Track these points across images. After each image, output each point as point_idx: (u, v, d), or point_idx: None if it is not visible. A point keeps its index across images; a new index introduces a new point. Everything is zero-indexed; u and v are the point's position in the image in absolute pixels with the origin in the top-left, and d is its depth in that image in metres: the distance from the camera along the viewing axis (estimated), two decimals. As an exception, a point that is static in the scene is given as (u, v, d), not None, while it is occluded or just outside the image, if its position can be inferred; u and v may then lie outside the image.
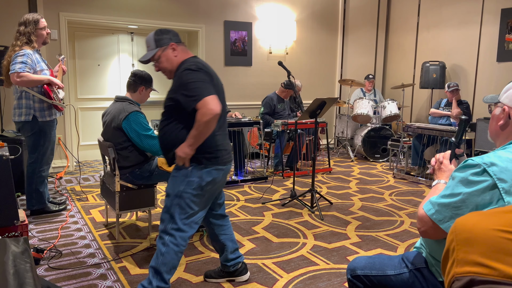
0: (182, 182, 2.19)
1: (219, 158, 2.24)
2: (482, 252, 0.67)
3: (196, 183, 2.18)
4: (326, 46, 7.43)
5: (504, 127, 1.38)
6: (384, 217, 3.87)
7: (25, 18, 3.50)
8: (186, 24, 6.12)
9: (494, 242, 0.67)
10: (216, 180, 2.26)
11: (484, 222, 0.70)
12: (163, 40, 2.25)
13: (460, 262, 0.69)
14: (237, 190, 4.74)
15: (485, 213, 0.73)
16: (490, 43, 6.10)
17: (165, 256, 2.19)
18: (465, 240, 0.70)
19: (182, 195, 2.18)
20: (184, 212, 2.20)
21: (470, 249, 0.68)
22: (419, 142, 5.43)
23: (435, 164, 1.64)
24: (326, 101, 3.95)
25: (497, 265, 0.65)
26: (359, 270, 1.68)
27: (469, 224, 0.71)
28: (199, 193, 2.21)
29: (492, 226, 0.69)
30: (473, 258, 0.67)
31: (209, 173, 2.21)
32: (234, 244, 2.59)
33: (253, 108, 6.70)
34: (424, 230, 1.42)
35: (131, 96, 3.17)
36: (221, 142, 2.27)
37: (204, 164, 2.19)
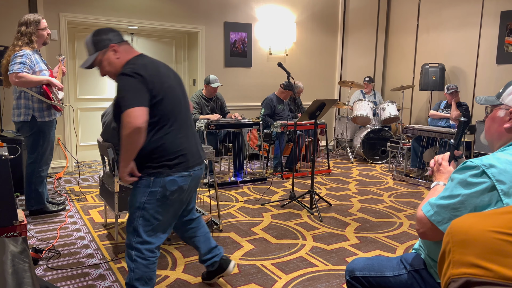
0: (144, 193, 2.01)
1: (183, 164, 2.05)
2: (477, 254, 0.67)
3: (159, 193, 2.01)
4: (326, 47, 7.44)
5: (511, 129, 1.37)
6: (383, 218, 3.87)
7: (26, 19, 3.50)
8: (186, 25, 6.13)
9: (490, 244, 0.67)
10: (184, 188, 2.08)
11: (480, 223, 0.70)
12: (102, 43, 2.06)
13: (456, 264, 0.69)
14: (236, 191, 4.74)
15: (481, 215, 0.73)
16: (489, 45, 6.11)
17: (136, 272, 2.06)
18: (461, 242, 0.70)
19: (145, 207, 2.01)
20: (148, 224, 2.04)
21: (466, 251, 0.69)
22: (418, 144, 5.44)
23: (434, 165, 1.64)
24: (326, 102, 3.95)
25: (492, 267, 0.65)
26: (357, 271, 1.68)
27: (465, 226, 0.71)
28: (164, 203, 2.04)
29: (487, 228, 0.69)
30: (469, 260, 0.68)
31: (173, 182, 2.02)
32: (208, 244, 2.47)
33: (252, 109, 6.70)
34: (423, 231, 1.42)
35: None
36: (185, 146, 2.08)
37: (166, 173, 2.01)
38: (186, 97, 2.21)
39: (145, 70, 1.96)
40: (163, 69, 2.08)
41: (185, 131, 2.12)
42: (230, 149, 5.35)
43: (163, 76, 2.04)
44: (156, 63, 2.07)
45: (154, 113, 1.98)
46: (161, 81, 2.02)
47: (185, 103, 2.17)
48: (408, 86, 6.50)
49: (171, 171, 2.01)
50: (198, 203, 4.12)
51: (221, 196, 4.51)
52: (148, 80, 1.95)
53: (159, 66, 2.07)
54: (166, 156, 2.01)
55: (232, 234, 3.42)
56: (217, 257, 2.47)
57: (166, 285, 2.56)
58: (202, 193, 4.52)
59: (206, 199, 4.33)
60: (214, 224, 3.53)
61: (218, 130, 4.89)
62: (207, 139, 4.79)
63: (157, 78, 2.00)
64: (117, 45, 2.07)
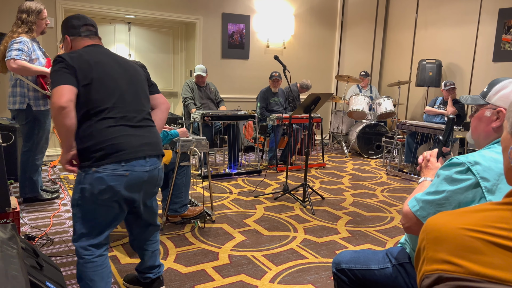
0: (77, 189, 1.88)
1: (111, 156, 1.82)
2: (449, 250, 0.69)
3: (88, 191, 1.84)
4: (324, 41, 7.43)
5: (499, 129, 1.39)
6: (374, 213, 3.90)
7: (27, 6, 3.50)
8: (183, 16, 6.10)
9: (461, 241, 0.69)
10: (116, 189, 1.84)
11: (452, 221, 0.72)
12: (62, 32, 2.09)
13: (430, 260, 0.71)
14: (231, 183, 4.76)
15: (454, 213, 0.75)
16: (486, 42, 6.12)
17: (77, 270, 1.97)
18: (435, 239, 0.72)
19: (78, 204, 1.88)
20: (82, 222, 1.90)
21: (439, 248, 0.71)
22: (412, 140, 5.46)
23: (422, 162, 1.66)
24: (321, 96, 3.96)
25: (463, 263, 0.67)
26: (344, 264, 1.71)
27: (439, 223, 0.73)
28: (95, 203, 1.86)
29: (459, 225, 0.71)
30: (441, 256, 0.70)
31: (100, 180, 1.82)
32: (153, 261, 2.31)
33: (249, 101, 6.71)
34: (408, 226, 1.45)
35: None
36: (117, 135, 1.86)
37: (95, 168, 1.82)
38: (140, 89, 2.04)
39: (72, 55, 1.89)
40: (104, 57, 1.96)
41: (127, 122, 1.91)
42: (225, 141, 5.36)
43: (100, 63, 1.92)
44: (96, 52, 1.97)
45: (82, 99, 1.85)
46: (92, 66, 1.89)
47: (135, 95, 1.99)
48: (405, 82, 6.51)
49: (99, 164, 1.82)
50: (191, 194, 4.14)
51: (215, 187, 4.53)
52: (74, 63, 1.85)
53: (99, 54, 1.96)
54: (93, 147, 1.83)
55: (224, 225, 3.45)
56: (154, 275, 2.33)
57: (157, 274, 2.59)
58: (196, 184, 4.53)
59: (199, 190, 4.35)
60: (207, 215, 3.55)
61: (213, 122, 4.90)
62: (202, 131, 4.81)
63: (86, 63, 1.88)
64: (69, 37, 2.07)
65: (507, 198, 0.73)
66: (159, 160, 2.03)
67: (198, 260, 2.79)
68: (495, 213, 0.72)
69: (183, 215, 3.43)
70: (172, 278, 2.55)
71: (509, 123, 0.79)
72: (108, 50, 2.07)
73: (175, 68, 6.91)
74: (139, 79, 2.07)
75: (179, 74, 6.90)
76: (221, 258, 2.84)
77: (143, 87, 2.08)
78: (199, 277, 2.58)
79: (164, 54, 6.76)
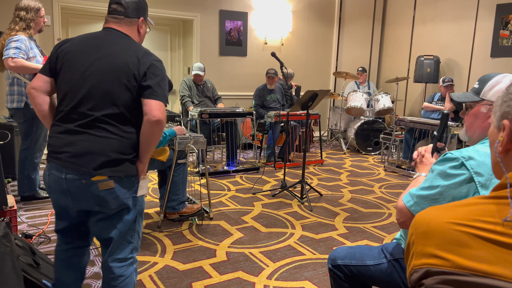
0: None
1: (48, 154, 1.73)
2: (437, 244, 0.70)
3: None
4: (322, 38, 7.42)
5: None
6: (372, 209, 3.91)
7: (26, 4, 3.50)
8: (181, 13, 6.09)
9: (448, 235, 0.69)
10: (50, 186, 1.72)
11: (440, 215, 0.73)
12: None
13: (418, 255, 0.72)
14: (229, 180, 4.76)
15: (443, 207, 0.75)
16: (484, 38, 6.11)
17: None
18: (423, 233, 0.72)
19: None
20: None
21: (427, 242, 0.71)
22: (410, 136, 5.47)
23: (417, 157, 1.66)
24: (318, 93, 3.96)
25: (450, 257, 0.67)
26: (339, 260, 1.72)
27: (427, 218, 0.74)
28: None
29: (447, 219, 0.71)
30: (429, 251, 0.70)
31: (44, 172, 1.77)
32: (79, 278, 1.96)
33: (247, 98, 6.70)
34: (403, 221, 1.45)
35: None
36: (52, 134, 1.74)
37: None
38: (110, 88, 1.67)
39: (61, 42, 1.80)
40: (85, 46, 1.74)
41: (63, 123, 1.70)
42: (223, 138, 5.36)
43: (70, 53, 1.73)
44: (88, 38, 1.77)
45: (56, 87, 1.78)
46: (59, 56, 1.75)
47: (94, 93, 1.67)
48: (403, 78, 6.50)
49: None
50: (189, 192, 4.15)
51: (213, 185, 4.54)
52: (53, 50, 1.78)
53: (88, 40, 1.76)
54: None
55: (222, 222, 3.45)
56: None
57: (154, 271, 2.59)
58: (194, 181, 4.54)
59: (197, 187, 4.36)
60: (205, 212, 3.55)
61: (211, 119, 4.90)
62: (200, 128, 4.80)
63: (57, 52, 1.75)
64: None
65: (494, 192, 0.74)
66: (86, 174, 1.64)
67: (196, 257, 2.80)
68: (482, 206, 0.72)
69: (181, 212, 3.43)
70: (170, 275, 2.55)
71: (495, 117, 0.79)
72: (109, 37, 1.76)
73: (173, 66, 6.90)
74: (112, 76, 1.67)
75: (177, 71, 6.89)
76: (218, 255, 2.84)
77: (113, 86, 1.66)
78: (196, 274, 2.58)
79: (162, 51, 6.74)
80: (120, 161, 1.68)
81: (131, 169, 1.71)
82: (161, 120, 1.68)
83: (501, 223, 0.68)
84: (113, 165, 1.66)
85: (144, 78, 1.68)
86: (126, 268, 1.79)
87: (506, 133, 0.74)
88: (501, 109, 0.77)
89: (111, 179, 1.66)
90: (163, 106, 1.71)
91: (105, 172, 1.65)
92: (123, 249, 1.77)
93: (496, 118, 0.78)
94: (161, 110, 1.69)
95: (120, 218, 1.73)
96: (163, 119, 1.69)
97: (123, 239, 1.77)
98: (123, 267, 1.78)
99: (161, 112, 1.69)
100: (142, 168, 1.75)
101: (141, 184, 1.76)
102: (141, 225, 1.83)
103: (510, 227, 0.67)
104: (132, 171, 1.72)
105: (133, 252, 1.82)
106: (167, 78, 1.78)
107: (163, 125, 1.70)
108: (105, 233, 1.75)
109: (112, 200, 1.68)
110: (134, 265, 1.83)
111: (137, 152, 1.74)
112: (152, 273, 2.56)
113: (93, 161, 1.64)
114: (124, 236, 1.77)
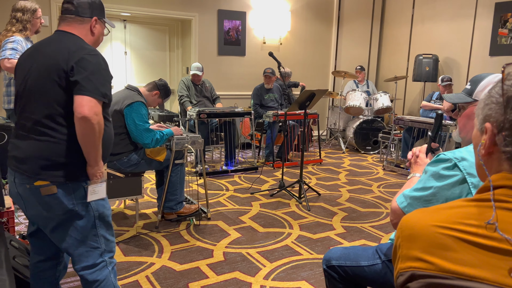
0: None
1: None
2: (422, 248, 0.70)
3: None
4: (321, 37, 7.41)
5: None
6: (370, 208, 3.91)
7: (22, 5, 3.49)
8: (179, 13, 6.08)
9: (432, 238, 0.69)
10: (10, 190, 1.73)
11: (425, 218, 0.73)
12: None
13: (404, 258, 0.72)
14: (227, 180, 4.76)
15: (428, 210, 0.75)
16: (483, 37, 6.10)
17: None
18: (408, 237, 0.73)
19: None
20: None
21: (412, 245, 0.71)
22: (409, 135, 5.46)
23: (412, 157, 1.66)
24: (316, 93, 3.96)
25: (434, 260, 0.67)
26: (334, 260, 1.72)
27: (412, 221, 0.74)
28: None
29: (431, 222, 0.71)
30: (414, 254, 0.70)
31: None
32: None
33: (246, 98, 6.69)
34: (396, 222, 1.45)
35: (144, 91, 3.24)
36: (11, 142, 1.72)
37: None
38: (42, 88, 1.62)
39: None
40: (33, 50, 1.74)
41: (18, 130, 1.68)
42: (221, 138, 5.36)
43: (22, 58, 1.75)
44: (38, 44, 1.75)
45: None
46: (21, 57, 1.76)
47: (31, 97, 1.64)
48: (402, 77, 6.50)
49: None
50: (187, 192, 4.15)
51: (211, 185, 4.54)
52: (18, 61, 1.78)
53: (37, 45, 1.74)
54: None
55: (220, 222, 3.45)
56: None
57: (151, 272, 2.59)
58: (191, 181, 4.54)
59: (195, 187, 4.36)
60: (203, 213, 3.56)
61: (209, 119, 4.90)
62: (198, 128, 4.80)
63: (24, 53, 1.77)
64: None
65: (477, 195, 0.74)
66: (29, 179, 1.62)
67: (193, 258, 2.80)
68: (466, 209, 0.72)
69: (179, 212, 3.44)
70: (166, 275, 2.55)
71: (478, 120, 0.79)
72: (51, 38, 1.73)
73: (172, 66, 6.90)
74: (44, 75, 1.62)
75: (176, 71, 6.89)
76: (215, 255, 2.84)
77: (46, 85, 1.61)
78: (193, 274, 2.58)
79: (160, 51, 6.74)
80: (61, 165, 1.62)
81: (75, 173, 1.64)
82: (86, 116, 1.55)
83: (484, 226, 0.68)
84: (54, 169, 1.61)
85: (72, 72, 1.58)
86: (99, 272, 1.75)
87: (488, 136, 0.74)
88: (483, 112, 0.77)
89: (53, 184, 1.61)
90: (92, 101, 1.57)
91: (46, 177, 1.61)
92: (88, 256, 1.72)
93: (479, 121, 0.78)
94: (88, 106, 1.55)
95: (72, 225, 1.67)
96: (89, 116, 1.55)
97: (85, 246, 1.71)
98: (94, 273, 1.73)
99: (88, 108, 1.55)
100: (90, 171, 1.66)
101: (92, 188, 1.67)
102: (107, 229, 1.77)
103: (493, 229, 0.67)
104: (76, 176, 1.65)
105: (104, 255, 1.76)
106: (103, 71, 1.65)
107: (92, 123, 1.56)
108: (63, 243, 1.70)
109: (56, 206, 1.63)
110: (108, 267, 1.78)
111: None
112: (149, 274, 2.57)
113: (34, 166, 1.61)
114: (85, 243, 1.71)
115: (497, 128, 0.73)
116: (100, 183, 1.70)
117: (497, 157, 0.74)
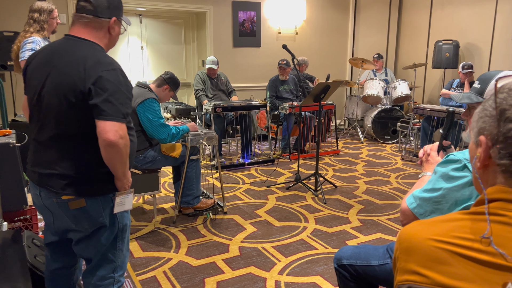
0: None
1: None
2: (418, 261, 0.70)
3: None
4: (337, 25, 7.30)
5: None
6: (387, 200, 3.88)
7: (39, 6, 3.57)
8: (193, 6, 6.09)
9: (428, 252, 0.70)
10: (33, 200, 1.71)
11: (422, 231, 0.73)
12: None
13: (401, 271, 0.73)
14: (244, 173, 4.79)
15: (425, 222, 0.75)
16: (506, 20, 5.89)
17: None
18: (406, 249, 0.73)
19: None
20: None
21: (409, 258, 0.72)
22: (428, 124, 5.36)
23: (423, 156, 1.64)
24: (330, 85, 3.92)
25: (430, 274, 0.68)
26: (344, 259, 1.72)
27: (410, 234, 0.74)
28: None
29: (427, 236, 0.71)
30: (411, 267, 0.71)
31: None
32: None
33: (262, 89, 6.68)
34: (406, 223, 1.44)
35: (154, 88, 3.27)
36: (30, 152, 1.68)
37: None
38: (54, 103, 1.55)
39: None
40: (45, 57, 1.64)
41: (36, 140, 1.63)
42: (237, 130, 5.39)
43: (31, 66, 1.68)
44: (49, 49, 1.65)
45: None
46: (27, 71, 1.69)
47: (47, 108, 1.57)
48: (421, 64, 6.36)
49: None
50: (204, 186, 4.20)
51: (228, 178, 4.58)
52: (25, 66, 1.72)
53: (49, 52, 1.64)
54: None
55: (236, 216, 3.49)
56: None
57: (168, 267, 2.66)
58: (208, 175, 4.59)
59: (211, 181, 4.41)
60: (219, 207, 3.60)
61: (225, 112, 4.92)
62: (214, 121, 4.84)
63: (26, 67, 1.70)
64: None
65: (473, 208, 0.74)
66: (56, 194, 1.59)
67: (209, 253, 2.85)
68: (462, 223, 0.72)
69: (196, 207, 3.49)
70: (183, 271, 2.61)
71: (473, 133, 0.78)
72: (63, 46, 1.62)
73: (188, 59, 6.93)
74: (60, 96, 1.54)
75: (192, 64, 6.92)
76: (231, 250, 2.88)
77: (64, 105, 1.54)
78: (209, 269, 2.63)
79: (176, 45, 6.78)
80: (88, 181, 1.59)
81: (102, 187, 1.63)
82: (113, 142, 1.49)
83: (479, 240, 0.68)
84: (81, 185, 1.58)
85: (90, 96, 1.50)
86: (105, 287, 1.73)
87: (483, 149, 0.74)
88: (478, 124, 0.76)
89: (81, 198, 1.59)
90: (116, 125, 1.50)
91: (72, 192, 1.57)
92: (103, 267, 1.71)
93: (474, 134, 0.77)
94: (112, 132, 1.48)
95: (98, 238, 1.67)
96: (115, 141, 1.49)
97: (103, 258, 1.71)
98: (101, 286, 1.71)
99: (113, 134, 1.48)
100: (119, 184, 1.64)
101: (119, 200, 1.67)
102: (125, 242, 1.77)
103: (487, 243, 0.67)
104: (104, 190, 1.63)
105: (116, 272, 1.74)
106: (123, 87, 1.55)
107: (119, 148, 1.51)
108: (85, 254, 1.71)
109: (85, 219, 1.62)
110: (114, 286, 1.74)
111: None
112: (166, 269, 2.63)
113: (61, 182, 1.57)
114: (105, 255, 1.71)
115: (491, 141, 0.73)
116: (127, 194, 1.69)
117: (492, 170, 0.74)
